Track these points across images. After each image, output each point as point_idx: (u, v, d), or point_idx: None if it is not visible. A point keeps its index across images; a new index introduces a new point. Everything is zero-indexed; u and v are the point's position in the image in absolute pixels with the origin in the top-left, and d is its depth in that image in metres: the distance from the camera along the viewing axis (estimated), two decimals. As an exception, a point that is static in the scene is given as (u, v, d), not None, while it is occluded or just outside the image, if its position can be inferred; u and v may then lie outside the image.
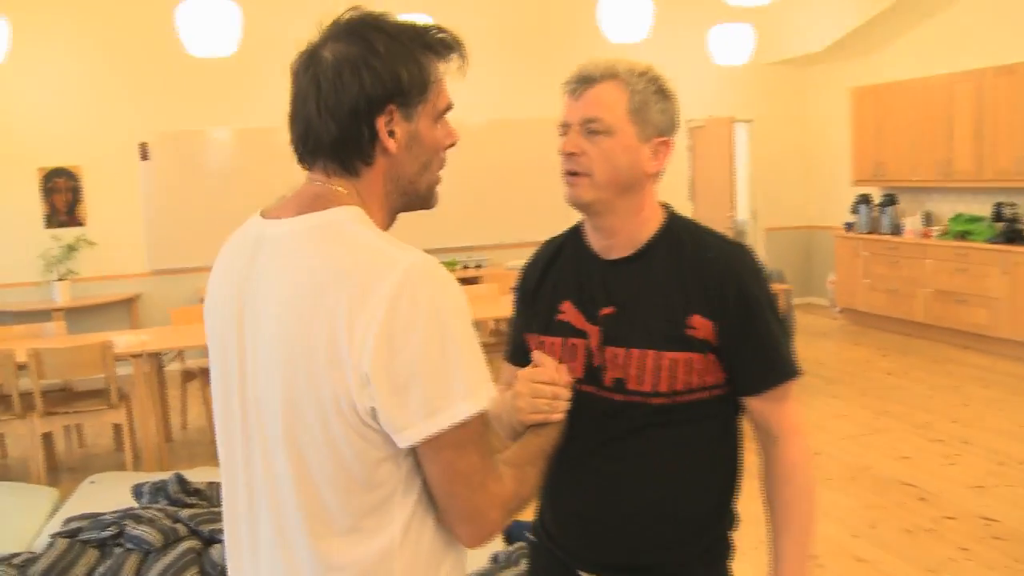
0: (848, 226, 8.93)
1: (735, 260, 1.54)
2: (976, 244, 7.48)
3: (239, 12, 5.38)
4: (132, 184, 7.74)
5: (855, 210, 8.83)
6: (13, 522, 3.52)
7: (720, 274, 1.51)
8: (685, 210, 1.62)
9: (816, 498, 1.58)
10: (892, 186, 8.60)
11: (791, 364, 1.56)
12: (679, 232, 1.57)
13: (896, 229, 8.44)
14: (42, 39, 7.39)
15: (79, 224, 7.66)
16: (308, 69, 1.19)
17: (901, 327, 8.26)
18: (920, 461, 4.88)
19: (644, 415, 1.51)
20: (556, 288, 1.63)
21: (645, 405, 1.51)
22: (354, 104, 1.16)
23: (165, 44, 7.07)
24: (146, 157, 7.74)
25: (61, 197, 7.61)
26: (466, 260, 8.48)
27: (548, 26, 8.77)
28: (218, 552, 2.94)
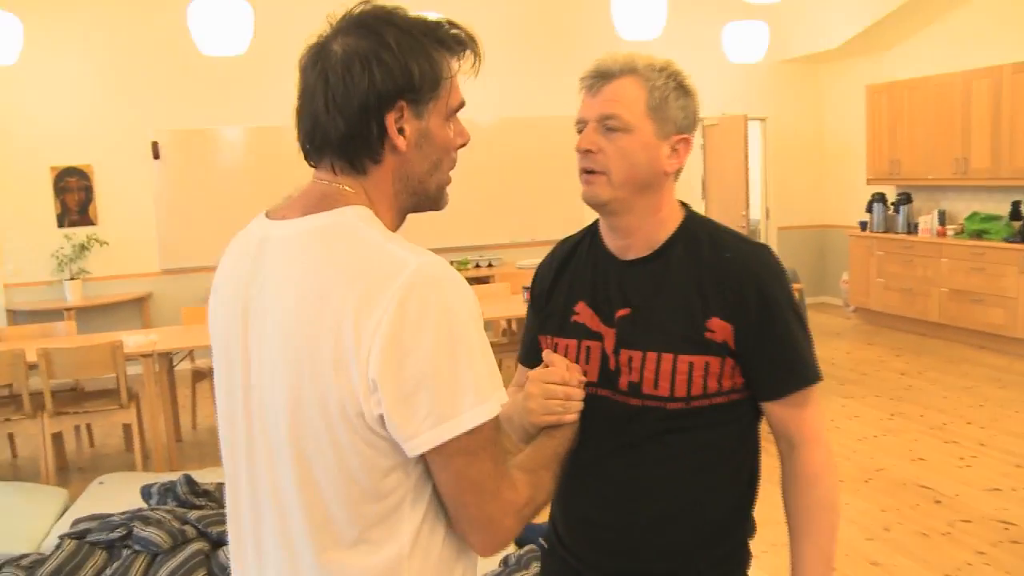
0: (862, 225, 8.86)
1: (754, 260, 1.49)
2: (992, 243, 7.40)
3: (251, 11, 5.38)
4: (144, 183, 7.75)
5: (869, 209, 8.76)
6: (22, 522, 3.52)
7: (739, 275, 1.47)
8: (697, 209, 1.57)
9: (839, 507, 1.53)
10: (907, 184, 8.52)
11: (813, 368, 1.50)
12: (697, 232, 1.53)
13: (911, 228, 8.38)
14: (54, 39, 7.40)
15: (91, 223, 7.67)
16: (317, 63, 1.16)
17: (915, 327, 8.19)
18: (935, 463, 4.83)
19: (660, 420, 1.47)
20: (571, 289, 1.59)
21: (661, 410, 1.47)
22: (364, 99, 1.13)
23: (177, 43, 7.09)
24: (158, 156, 7.75)
25: (73, 196, 7.63)
26: (477, 259, 8.46)
27: (561, 23, 8.73)
28: (226, 554, 2.93)
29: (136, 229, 7.76)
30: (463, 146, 1.25)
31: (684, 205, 1.58)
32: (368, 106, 1.13)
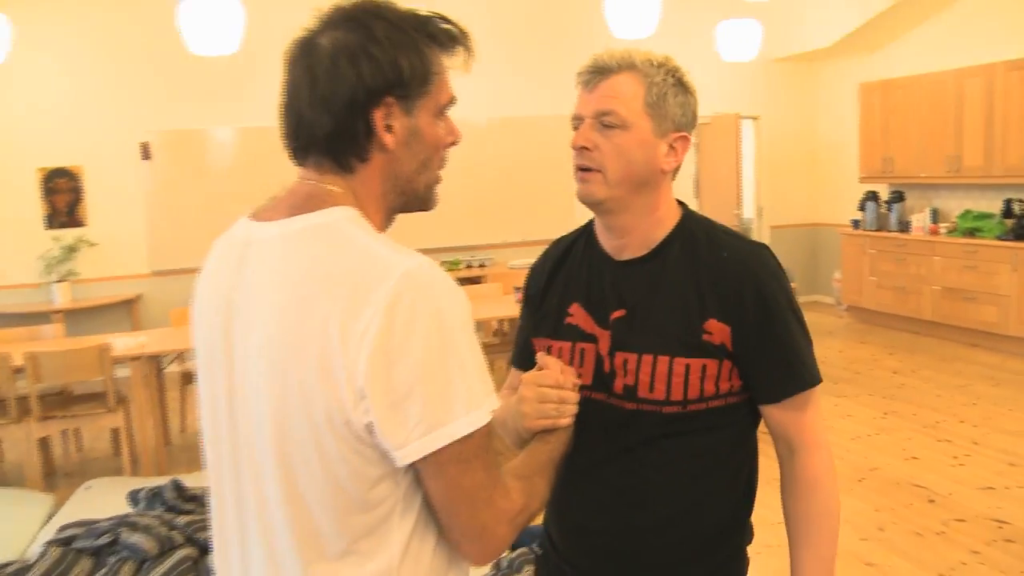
0: (855, 223, 8.86)
1: (753, 260, 1.45)
2: (985, 241, 7.41)
3: (241, 9, 5.33)
4: (133, 184, 7.69)
5: (862, 207, 8.76)
6: (7, 529, 3.48)
7: (737, 275, 1.43)
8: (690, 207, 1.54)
9: (839, 513, 1.50)
10: (900, 183, 8.52)
11: (813, 370, 1.46)
12: (694, 231, 1.49)
13: (904, 226, 8.38)
14: (42, 38, 7.33)
15: (80, 225, 7.61)
16: (302, 57, 1.12)
17: (908, 325, 8.19)
18: (929, 462, 4.82)
19: (656, 424, 1.43)
20: (565, 290, 1.55)
21: (657, 414, 1.43)
22: (350, 95, 1.09)
23: (167, 42, 7.03)
24: (148, 157, 7.69)
25: (62, 198, 7.56)
26: (469, 259, 8.43)
27: (553, 21, 8.70)
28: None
29: (125, 231, 7.70)
30: (453, 144, 1.21)
31: (682, 204, 1.54)
32: (355, 102, 1.10)
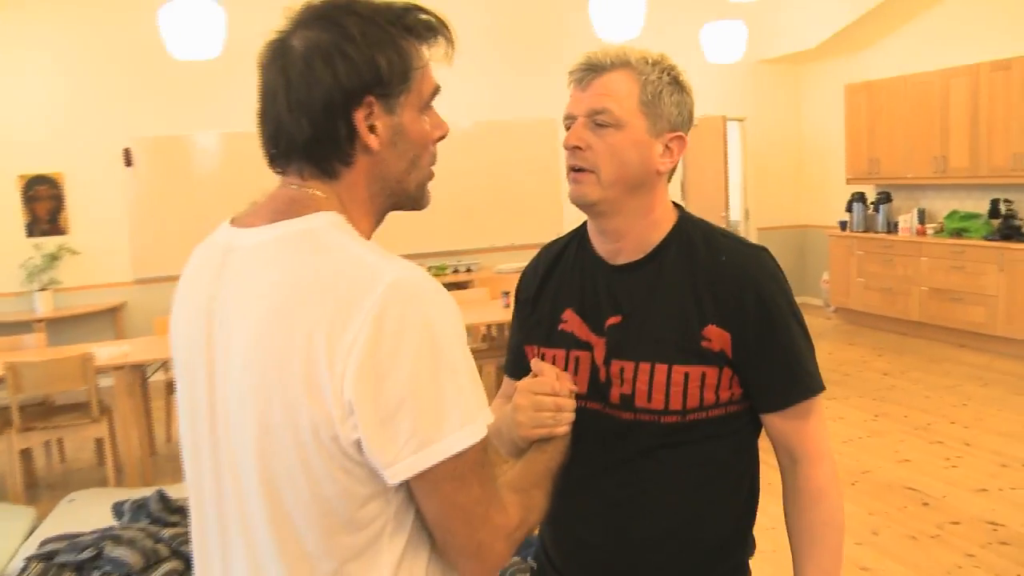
0: (842, 224, 8.87)
1: (752, 264, 1.42)
2: (972, 241, 7.42)
3: (223, 14, 5.28)
4: (116, 191, 7.60)
5: (849, 208, 8.76)
6: (-12, 544, 3.40)
7: (736, 280, 1.39)
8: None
9: (843, 525, 1.46)
10: (887, 184, 8.53)
11: (816, 378, 1.42)
12: (691, 234, 1.44)
13: (891, 227, 8.39)
14: (22, 43, 7.24)
15: (62, 232, 7.51)
16: (276, 61, 1.07)
17: (896, 326, 8.19)
18: (921, 464, 4.80)
19: (654, 435, 1.39)
20: (557, 296, 1.51)
21: (655, 424, 1.39)
22: (328, 97, 1.04)
23: (148, 47, 6.94)
24: (130, 163, 7.61)
25: (43, 205, 7.47)
26: (455, 264, 8.38)
27: (538, 24, 8.67)
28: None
29: (108, 238, 7.61)
30: (442, 138, 1.16)
31: (678, 206, 1.50)
32: (333, 104, 1.05)
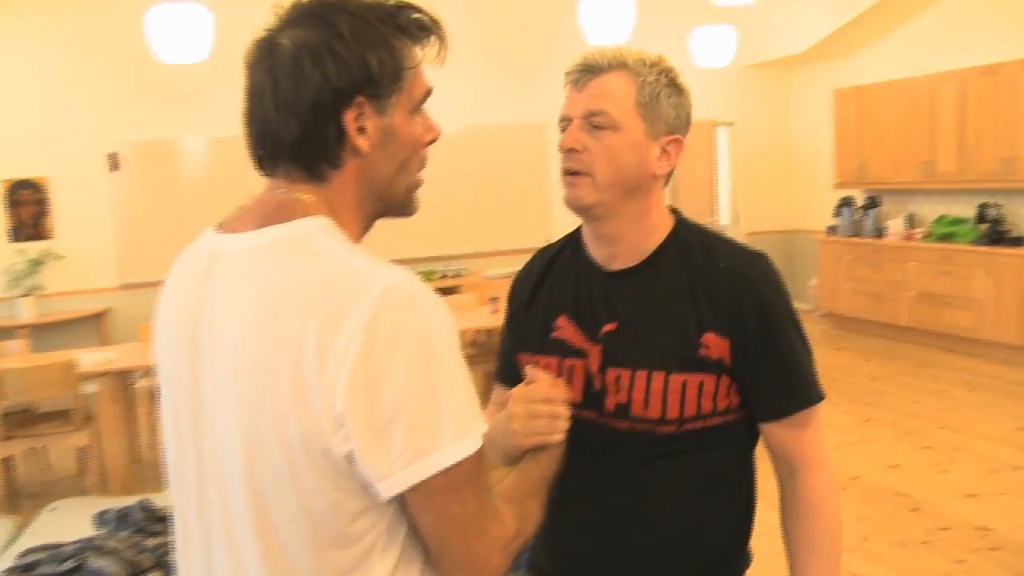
0: (831, 229, 8.88)
1: (751, 270, 1.39)
2: (960, 246, 7.43)
3: (211, 17, 5.24)
4: (101, 196, 7.53)
5: (837, 213, 8.77)
6: (-33, 555, 3.34)
7: (735, 286, 1.36)
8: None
9: (842, 536, 1.43)
10: (875, 188, 8.55)
11: (815, 386, 1.40)
12: (689, 239, 1.42)
13: (879, 232, 8.40)
14: (6, 47, 7.18)
15: (46, 238, 7.44)
16: (263, 60, 1.04)
17: (885, 331, 8.20)
18: (910, 469, 4.79)
19: (651, 444, 1.36)
20: (550, 302, 1.48)
21: (652, 433, 1.36)
22: (317, 97, 1.01)
23: (134, 51, 6.87)
24: (116, 168, 7.55)
25: (27, 210, 7.40)
26: (444, 270, 8.35)
27: (527, 28, 8.64)
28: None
29: (94, 243, 7.54)
30: (433, 142, 1.13)
31: (675, 211, 1.47)
32: (322, 105, 1.02)
